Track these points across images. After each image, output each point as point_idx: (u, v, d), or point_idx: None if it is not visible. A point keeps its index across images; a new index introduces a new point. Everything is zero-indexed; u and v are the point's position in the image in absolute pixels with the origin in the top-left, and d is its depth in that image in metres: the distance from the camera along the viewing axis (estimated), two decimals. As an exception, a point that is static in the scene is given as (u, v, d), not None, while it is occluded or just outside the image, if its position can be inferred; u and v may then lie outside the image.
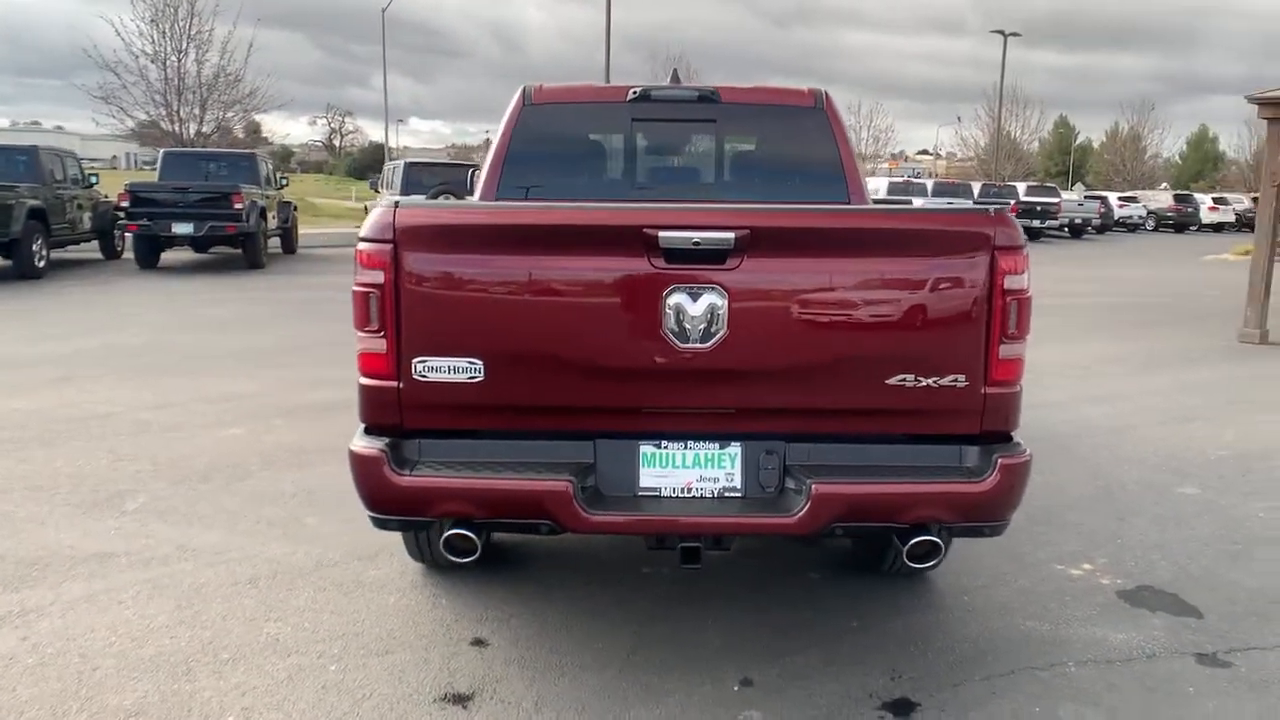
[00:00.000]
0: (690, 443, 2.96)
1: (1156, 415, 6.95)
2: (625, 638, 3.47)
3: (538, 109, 4.61)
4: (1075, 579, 4.08)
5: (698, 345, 2.79)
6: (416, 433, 2.93)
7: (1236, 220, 42.16)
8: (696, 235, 2.73)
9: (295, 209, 20.02)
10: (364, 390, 2.94)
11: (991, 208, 2.85)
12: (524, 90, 4.67)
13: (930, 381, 2.86)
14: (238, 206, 15.11)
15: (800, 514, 2.80)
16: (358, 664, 3.25)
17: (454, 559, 2.95)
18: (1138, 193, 47.15)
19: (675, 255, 2.75)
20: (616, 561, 4.13)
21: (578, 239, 2.81)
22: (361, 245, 2.86)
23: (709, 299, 2.77)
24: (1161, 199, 44.34)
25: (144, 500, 4.78)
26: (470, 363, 2.83)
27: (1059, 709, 3.06)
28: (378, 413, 2.93)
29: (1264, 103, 10.29)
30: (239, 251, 16.49)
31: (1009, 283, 2.83)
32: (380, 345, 2.85)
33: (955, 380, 2.87)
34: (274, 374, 7.85)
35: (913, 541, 2.88)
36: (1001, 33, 44.07)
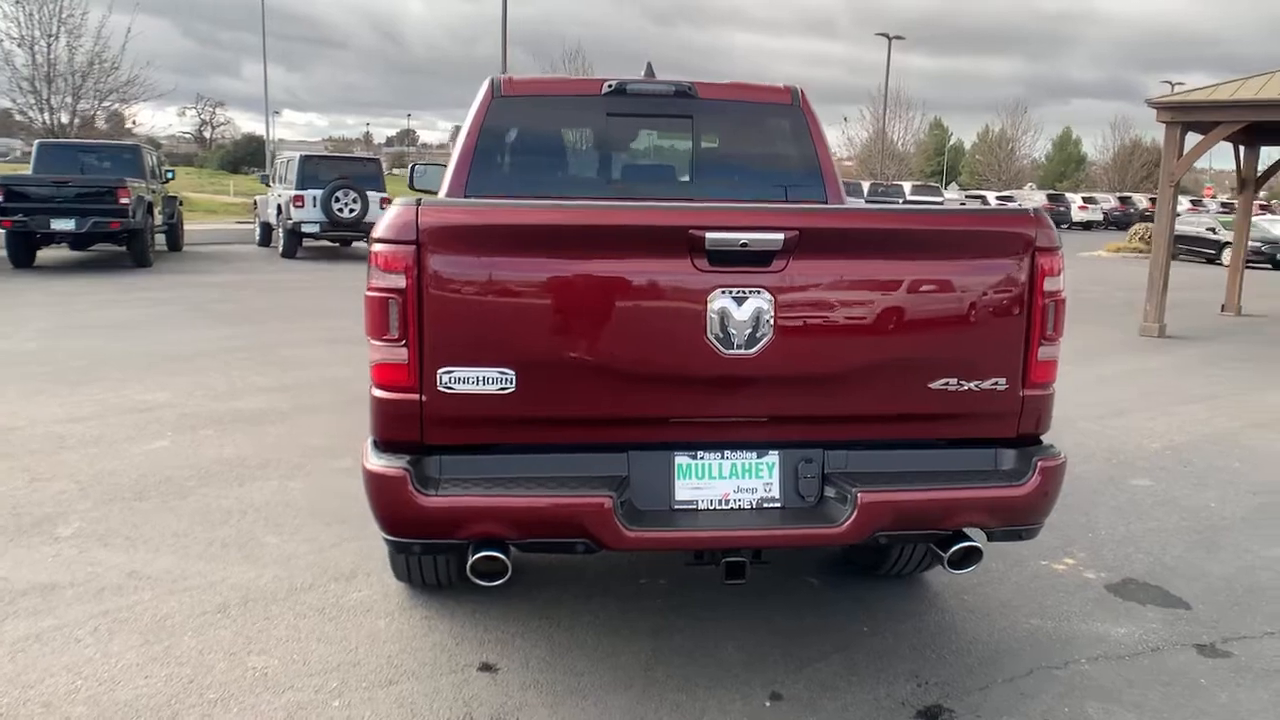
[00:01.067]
0: (727, 452, 2.84)
1: (1090, 409, 7.18)
2: (639, 653, 3.33)
3: (507, 101, 4.42)
4: (1062, 574, 4.13)
5: (742, 351, 2.67)
6: (437, 449, 2.72)
7: (1104, 219, 44.50)
8: (744, 236, 2.61)
9: (181, 204, 19.01)
10: (379, 404, 2.71)
11: (1030, 209, 2.82)
12: (492, 82, 4.46)
13: (972, 385, 2.81)
14: (124, 201, 14.22)
15: (848, 523, 2.71)
16: (362, 698, 3.01)
17: (481, 583, 2.74)
18: (1012, 192, 49.30)
19: (720, 257, 2.62)
20: (609, 574, 3.98)
21: (618, 240, 2.65)
22: (378, 247, 2.63)
23: (755, 303, 2.65)
24: (1035, 198, 46.41)
25: (78, 524, 4.37)
26: (501, 373, 2.64)
27: (1086, 707, 3.07)
28: (395, 428, 2.70)
29: (1162, 107, 10.80)
30: (122, 249, 15.54)
31: (1048, 284, 2.81)
32: (401, 355, 2.63)
33: (996, 383, 2.83)
34: (188, 380, 7.37)
35: (955, 548, 2.83)
36: (886, 35, 45.43)
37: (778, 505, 2.85)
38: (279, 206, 18.18)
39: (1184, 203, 46.33)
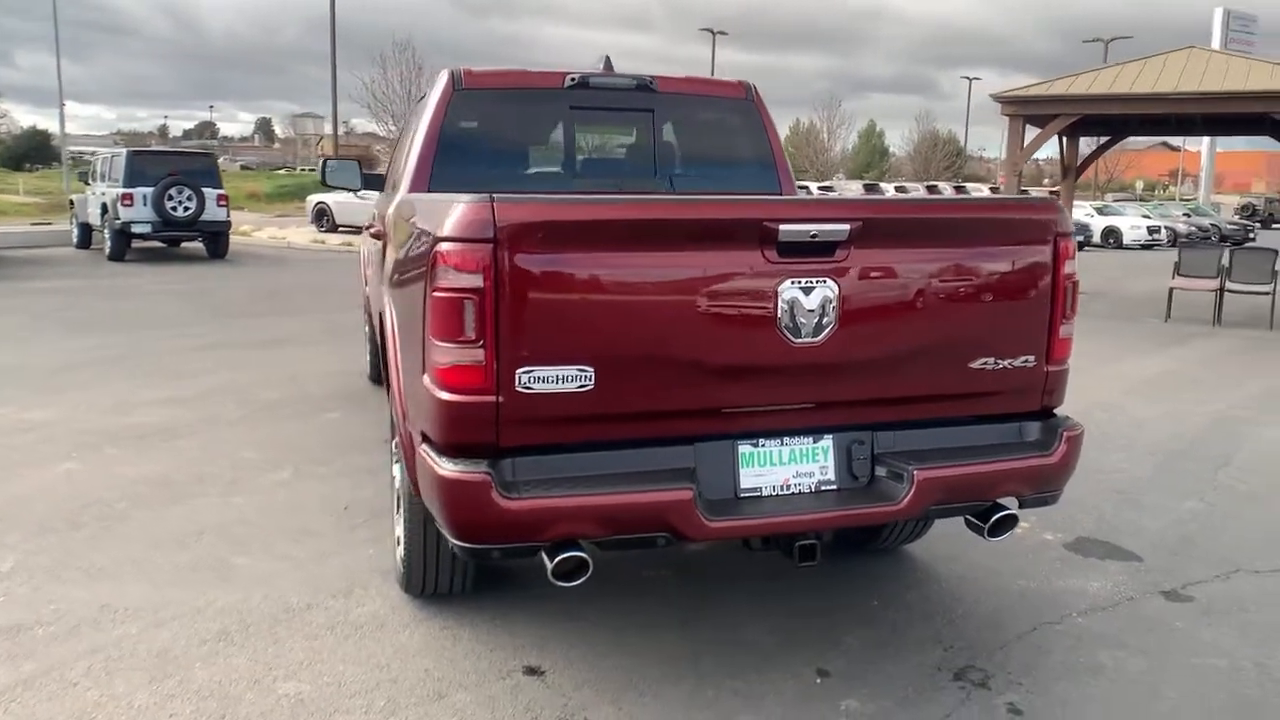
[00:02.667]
0: (785, 438, 2.90)
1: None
2: (677, 645, 3.35)
3: (468, 95, 4.33)
4: (1023, 537, 4.43)
5: (810, 339, 2.74)
6: (510, 450, 2.65)
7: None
8: (814, 228, 2.68)
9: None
10: (449, 407, 2.61)
11: (1049, 197, 3.03)
12: (451, 75, 4.36)
13: (1007, 363, 3.00)
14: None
15: (906, 500, 2.83)
16: (419, 714, 2.90)
17: (561, 584, 2.69)
18: (831, 182, 51.55)
19: (790, 249, 2.68)
20: (610, 570, 3.96)
21: (693, 233, 2.66)
22: (448, 246, 2.54)
23: (822, 292, 2.73)
24: (852, 187, 48.70)
25: (15, 558, 3.96)
26: (580, 370, 2.60)
27: (1098, 656, 3.33)
28: (468, 431, 2.61)
29: (1005, 101, 11.62)
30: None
31: (1067, 267, 3.02)
32: (477, 356, 2.55)
33: (1026, 360, 3.03)
34: (69, 396, 6.77)
35: (996, 517, 3.01)
36: (710, 30, 46.57)
37: (834, 487, 2.94)
38: (104, 206, 16.84)
39: (984, 189, 49.89)
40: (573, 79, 4.46)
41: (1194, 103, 10.58)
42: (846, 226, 2.70)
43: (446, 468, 2.60)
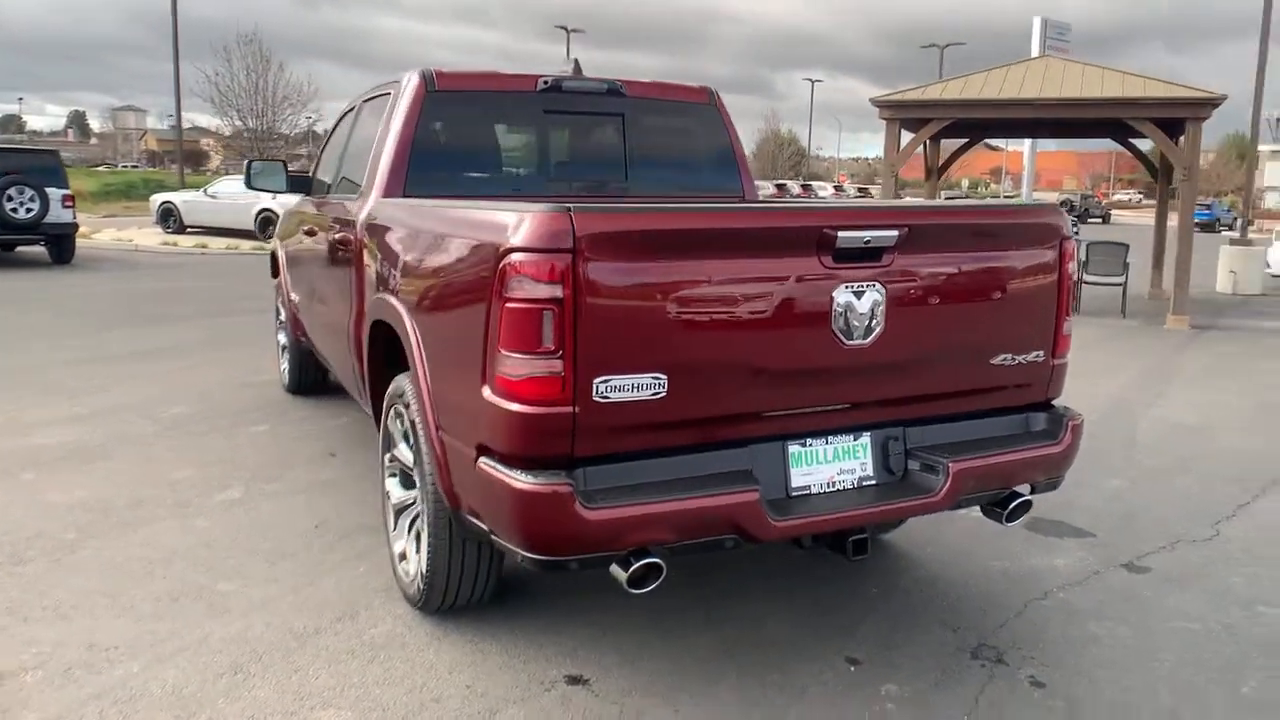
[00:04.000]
0: (829, 437, 3.00)
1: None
2: (710, 646, 3.40)
3: (441, 96, 4.24)
4: (980, 520, 4.67)
5: (860, 341, 2.85)
6: (582, 460, 2.64)
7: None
8: (869, 234, 2.78)
9: None
10: (522, 419, 2.57)
11: (1055, 203, 3.23)
12: (423, 75, 4.26)
13: (1021, 358, 3.20)
14: None
15: (943, 491, 2.98)
16: (477, 732, 2.85)
17: (635, 591, 2.70)
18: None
19: (844, 254, 2.78)
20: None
21: (759, 240, 2.72)
22: (523, 256, 2.51)
23: (872, 296, 2.84)
24: (768, 188, 49.63)
25: (-33, 599, 3.63)
26: (655, 378, 2.62)
27: (1089, 627, 3.58)
28: (543, 443, 2.58)
29: (882, 105, 12.16)
30: None
31: (1070, 267, 3.24)
32: (555, 367, 2.52)
33: (1036, 355, 3.24)
34: (-48, 419, 6.20)
35: (1015, 503, 3.20)
36: (564, 28, 46.55)
37: (873, 483, 3.06)
38: (-71, 208, 15.36)
39: (827, 188, 51.91)
40: (545, 82, 4.43)
41: (1056, 108, 11.38)
42: (895, 232, 2.81)
43: (524, 480, 2.57)
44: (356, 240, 4.17)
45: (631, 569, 2.64)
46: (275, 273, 7.28)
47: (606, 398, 2.58)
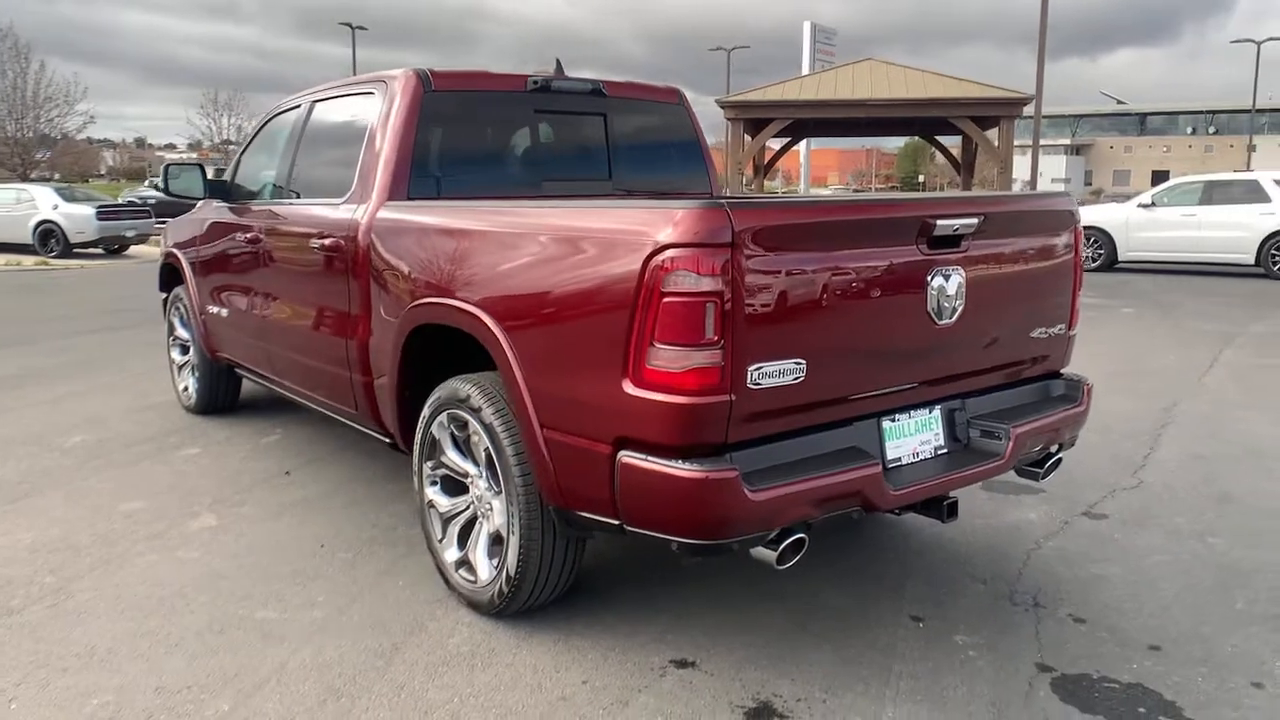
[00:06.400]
0: (911, 412, 3.25)
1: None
2: (782, 620, 3.57)
3: (439, 96, 4.20)
4: (947, 486, 5.12)
5: (947, 321, 3.12)
6: (732, 446, 2.75)
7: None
8: (957, 222, 3.05)
9: None
10: (684, 410, 2.65)
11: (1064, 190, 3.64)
12: (419, 75, 4.19)
13: (1049, 331, 3.58)
14: None
15: (1007, 455, 3.31)
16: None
17: (781, 567, 2.85)
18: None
19: (937, 241, 3.03)
20: (631, 560, 4.08)
21: (880, 230, 2.92)
22: (682, 252, 2.59)
23: (956, 279, 3.11)
24: None
25: (-21, 656, 3.26)
26: (796, 363, 2.77)
27: (1090, 568, 4.03)
28: (701, 431, 2.67)
29: (726, 105, 12.69)
30: None
31: (1082, 247, 3.66)
32: (715, 358, 2.63)
33: (1059, 329, 3.63)
34: None
35: (1051, 461, 3.58)
36: (349, 25, 44.88)
37: (945, 451, 3.34)
38: None
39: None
40: (534, 82, 4.45)
41: (891, 107, 12.28)
42: (976, 220, 3.10)
43: (689, 469, 2.65)
44: (358, 248, 4.03)
45: (784, 546, 2.78)
46: (166, 287, 6.80)
47: (758, 384, 2.70)
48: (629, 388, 2.73)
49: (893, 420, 3.19)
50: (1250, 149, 52.33)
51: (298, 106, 5.14)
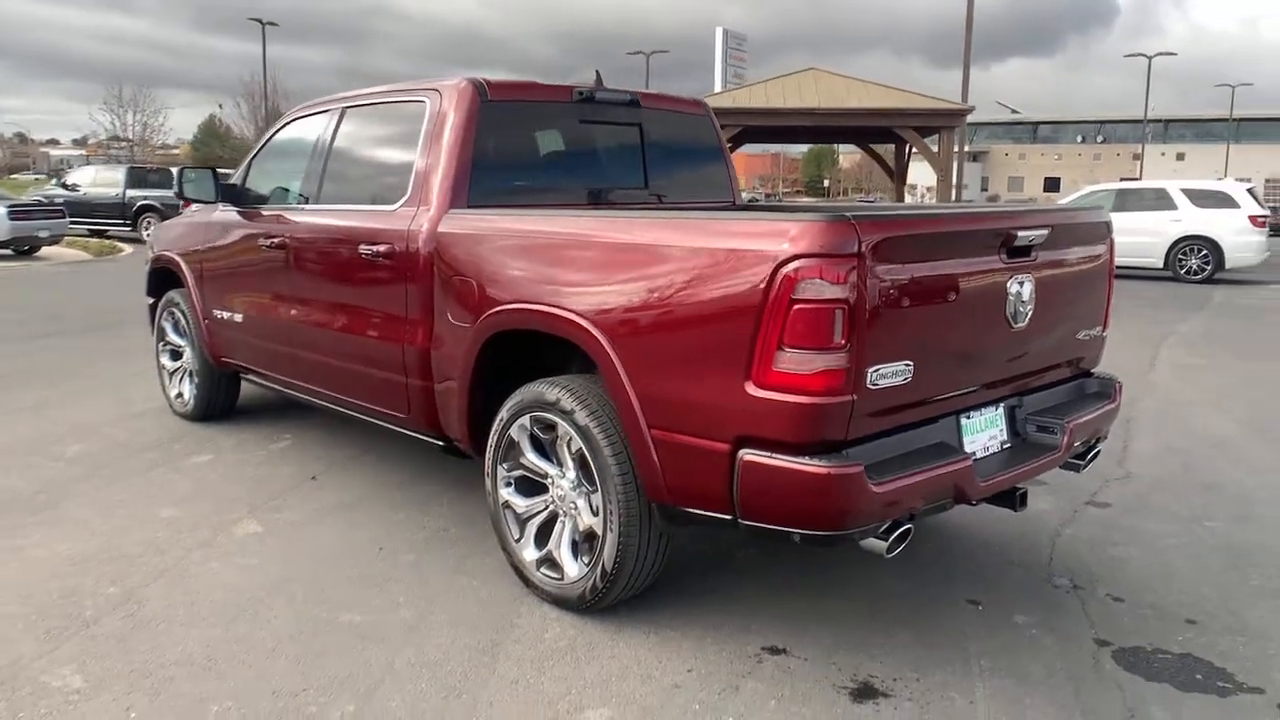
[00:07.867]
0: (982, 409, 3.49)
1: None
2: (852, 605, 3.78)
3: (494, 106, 4.30)
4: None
5: (1021, 325, 3.38)
6: (850, 443, 2.94)
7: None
8: (1033, 233, 3.31)
9: None
10: (811, 409, 2.82)
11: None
12: (475, 84, 4.28)
13: (1089, 333, 3.88)
14: None
15: (1064, 446, 3.59)
16: (745, 703, 3.06)
17: (889, 555, 3.05)
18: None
19: (1015, 251, 3.29)
20: (709, 554, 4.24)
21: (977, 240, 3.17)
22: (814, 261, 2.77)
23: (1029, 285, 3.37)
24: None
25: (76, 668, 3.23)
26: (906, 365, 2.98)
27: (1110, 551, 4.35)
28: (826, 430, 2.86)
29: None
30: None
31: (1115, 256, 3.98)
32: (841, 361, 2.81)
33: (1096, 330, 3.94)
34: None
35: (1093, 452, 3.88)
36: (259, 21, 43.75)
37: (1008, 446, 3.60)
38: None
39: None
40: (579, 93, 4.58)
41: (839, 116, 12.70)
42: (1046, 231, 3.37)
43: (816, 464, 2.83)
44: (419, 254, 4.10)
45: (895, 535, 2.99)
46: (155, 292, 6.67)
47: (876, 385, 2.91)
48: (752, 389, 2.90)
49: (968, 417, 3.43)
50: (1136, 157, 55.26)
51: (323, 113, 5.14)
